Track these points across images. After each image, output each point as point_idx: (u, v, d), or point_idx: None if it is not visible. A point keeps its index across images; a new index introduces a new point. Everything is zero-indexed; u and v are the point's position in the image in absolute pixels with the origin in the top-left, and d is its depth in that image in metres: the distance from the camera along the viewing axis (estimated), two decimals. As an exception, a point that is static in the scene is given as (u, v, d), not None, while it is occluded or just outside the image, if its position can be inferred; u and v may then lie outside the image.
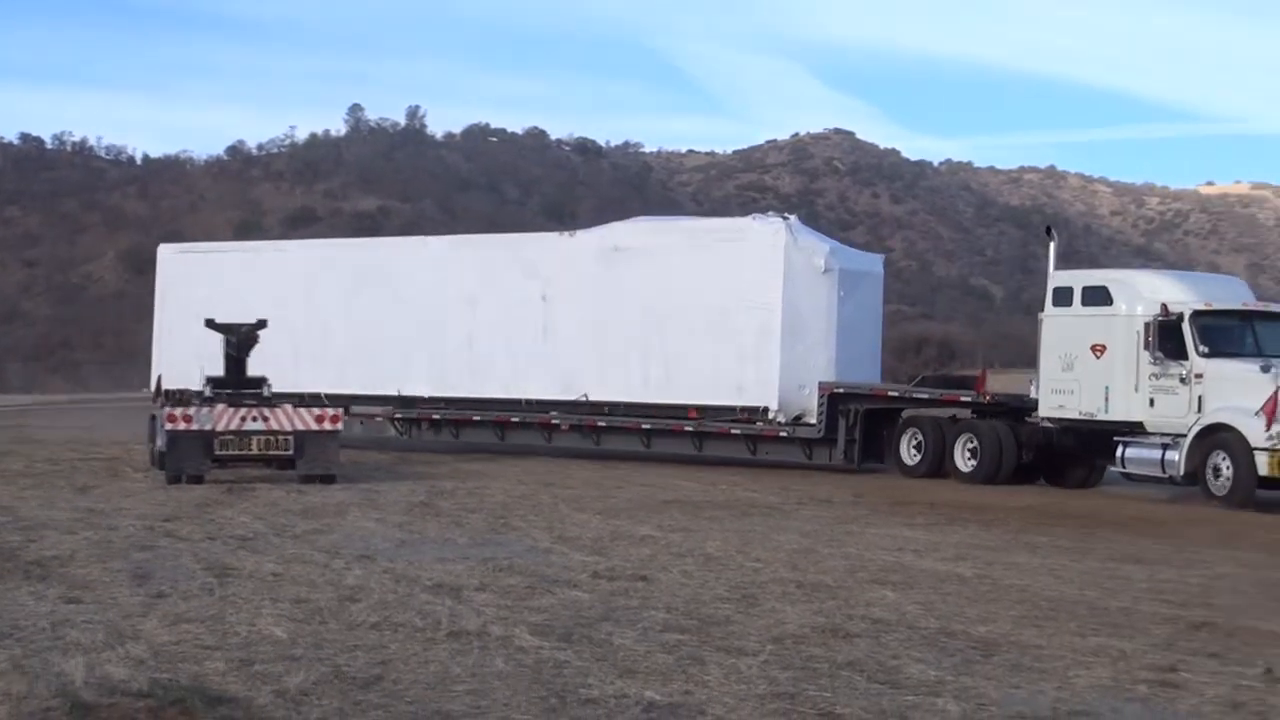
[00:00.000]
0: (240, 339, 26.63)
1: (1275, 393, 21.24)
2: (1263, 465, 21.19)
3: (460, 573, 14.13)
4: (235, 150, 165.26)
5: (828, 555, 16.26)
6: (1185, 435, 22.34)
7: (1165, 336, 22.99)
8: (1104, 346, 23.99)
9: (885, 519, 20.61)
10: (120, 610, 11.76)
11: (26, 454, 29.71)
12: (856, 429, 27.05)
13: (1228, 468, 21.69)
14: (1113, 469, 24.49)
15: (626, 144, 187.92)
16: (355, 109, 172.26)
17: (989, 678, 9.84)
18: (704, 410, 28.18)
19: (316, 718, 8.23)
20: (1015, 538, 18.67)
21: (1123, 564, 16.32)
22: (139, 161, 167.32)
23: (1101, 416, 24.13)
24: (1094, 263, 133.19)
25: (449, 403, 31.41)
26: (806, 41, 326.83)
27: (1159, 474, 22.97)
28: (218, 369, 28.38)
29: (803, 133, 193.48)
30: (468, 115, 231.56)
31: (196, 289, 33.70)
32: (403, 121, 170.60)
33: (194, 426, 23.35)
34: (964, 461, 25.84)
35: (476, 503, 21.49)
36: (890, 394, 28.09)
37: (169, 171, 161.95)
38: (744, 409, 27.71)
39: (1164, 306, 23.06)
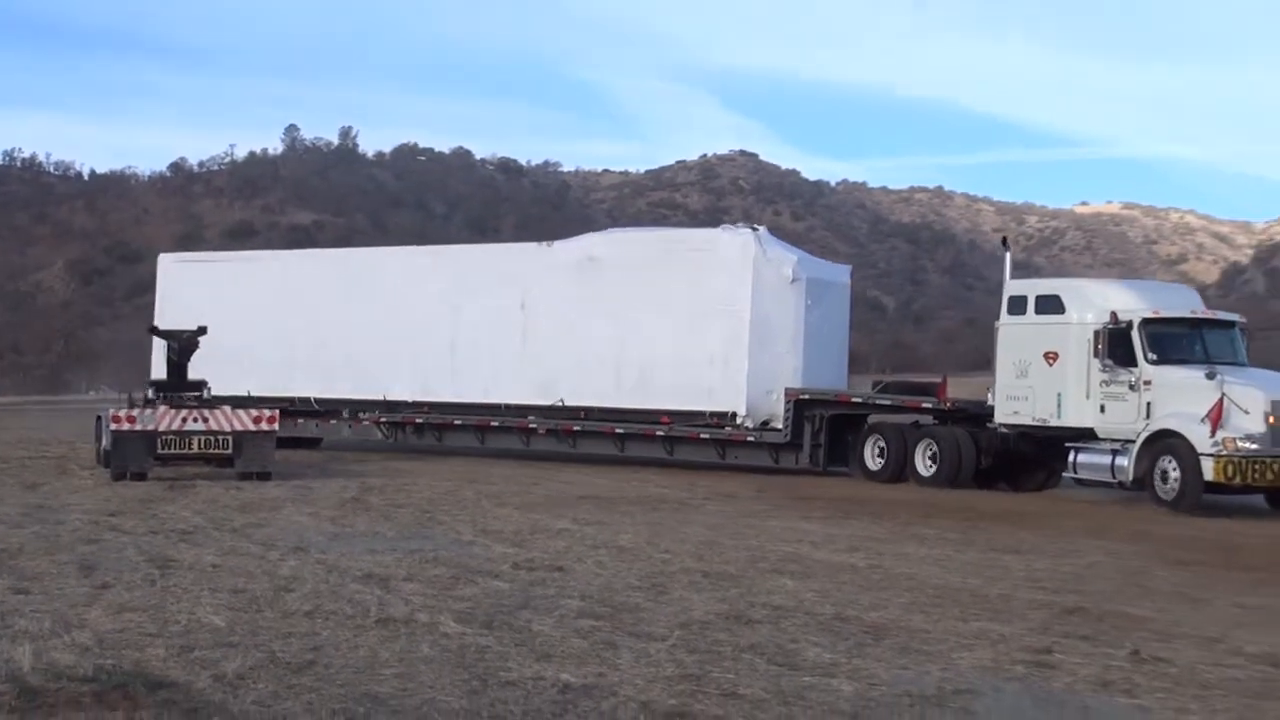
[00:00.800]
0: (181, 345, 26.44)
1: (1220, 400, 20.15)
2: (1209, 470, 20.05)
3: (388, 564, 13.99)
4: (177, 167, 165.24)
5: (731, 547, 16.26)
6: (1134, 441, 21.27)
7: (1115, 344, 21.99)
8: (1056, 354, 22.91)
9: (785, 513, 20.65)
10: (66, 600, 11.55)
11: (-23, 452, 29.23)
12: (822, 434, 26.06)
13: (1175, 473, 20.54)
14: (1066, 474, 23.44)
15: (546, 164, 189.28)
16: (291, 129, 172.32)
17: (879, 659, 9.85)
18: (676, 415, 27.14)
19: (252, 701, 8.09)
20: (904, 530, 18.74)
21: (1002, 554, 16.42)
22: (86, 177, 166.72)
23: (1054, 423, 23.03)
24: (977, 275, 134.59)
25: (432, 407, 30.37)
26: (713, 70, 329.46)
27: (1109, 479, 21.91)
28: (226, 377, 28.77)
29: (710, 154, 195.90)
30: (397, 136, 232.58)
31: (194, 297, 32.45)
32: (336, 141, 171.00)
33: (138, 427, 23.15)
34: (924, 466, 24.67)
35: (404, 498, 21.34)
36: (854, 400, 26.71)
37: (115, 187, 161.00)
38: (713, 414, 26.73)
39: (1113, 314, 22.08)
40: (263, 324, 31.54)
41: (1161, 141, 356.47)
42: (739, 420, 26.13)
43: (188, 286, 33.66)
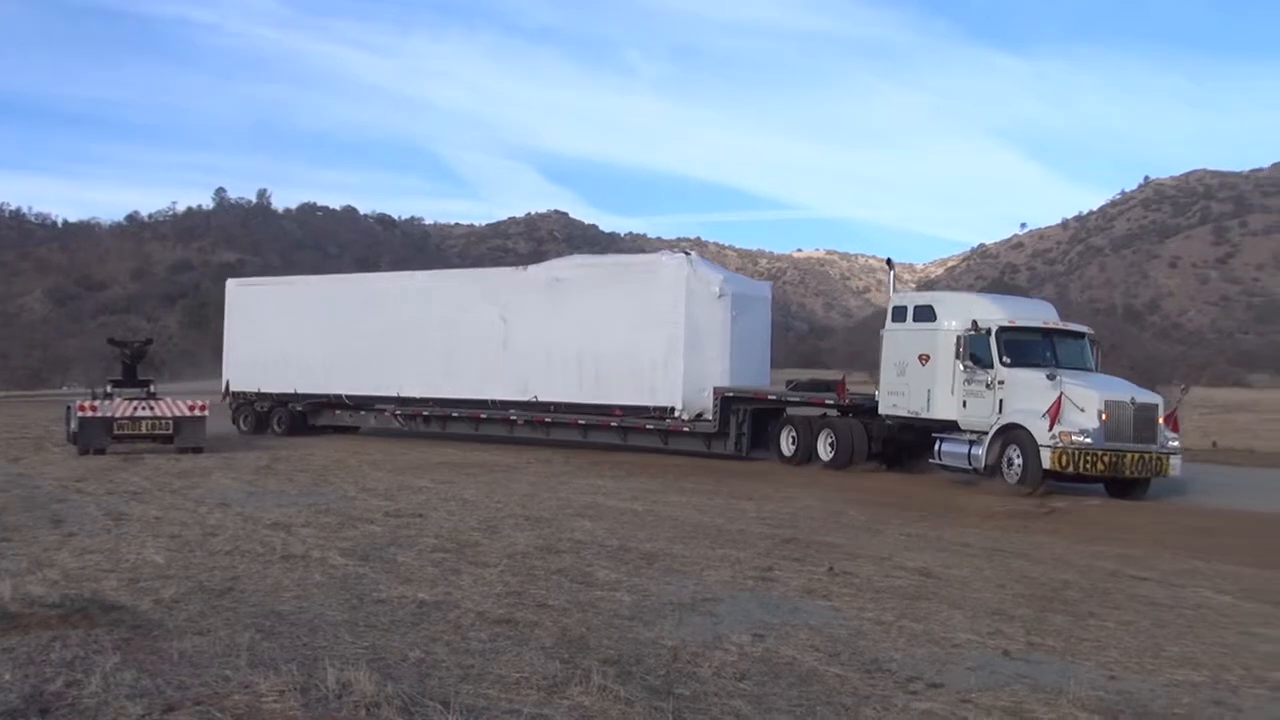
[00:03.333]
0: (134, 352, 25.75)
1: (1059, 398, 17.90)
2: (1046, 459, 17.75)
3: (291, 514, 13.71)
4: (132, 217, 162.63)
5: (546, 499, 16.24)
6: (988, 433, 19.01)
7: (975, 348, 19.63)
8: (928, 356, 20.47)
9: (585, 474, 20.66)
10: (40, 545, 11.10)
11: (-28, 434, 27.82)
12: (745, 425, 23.62)
13: (1019, 460, 18.24)
14: (932, 460, 20.43)
15: (412, 218, 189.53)
16: (220, 190, 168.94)
17: (651, 578, 9.98)
18: (626, 409, 24.73)
19: (184, 618, 7.90)
20: (671, 485, 18.87)
21: (740, 501, 16.64)
22: (60, 225, 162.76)
23: (925, 415, 20.57)
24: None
25: (436, 402, 27.89)
26: (537, 150, 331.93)
27: (966, 466, 19.35)
28: (279, 378, 29.40)
29: (533, 212, 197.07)
30: (301, 196, 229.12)
31: (255, 313, 31.05)
32: (254, 199, 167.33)
33: (99, 414, 22.36)
34: (825, 451, 22.07)
35: (305, 466, 20.86)
36: (769, 397, 23.95)
37: (83, 232, 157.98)
38: (655, 408, 24.30)
39: (974, 323, 19.69)
40: (305, 335, 29.55)
41: (852, 206, 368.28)
42: (676, 413, 23.95)
43: (250, 304, 31.68)
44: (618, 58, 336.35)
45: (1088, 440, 17.69)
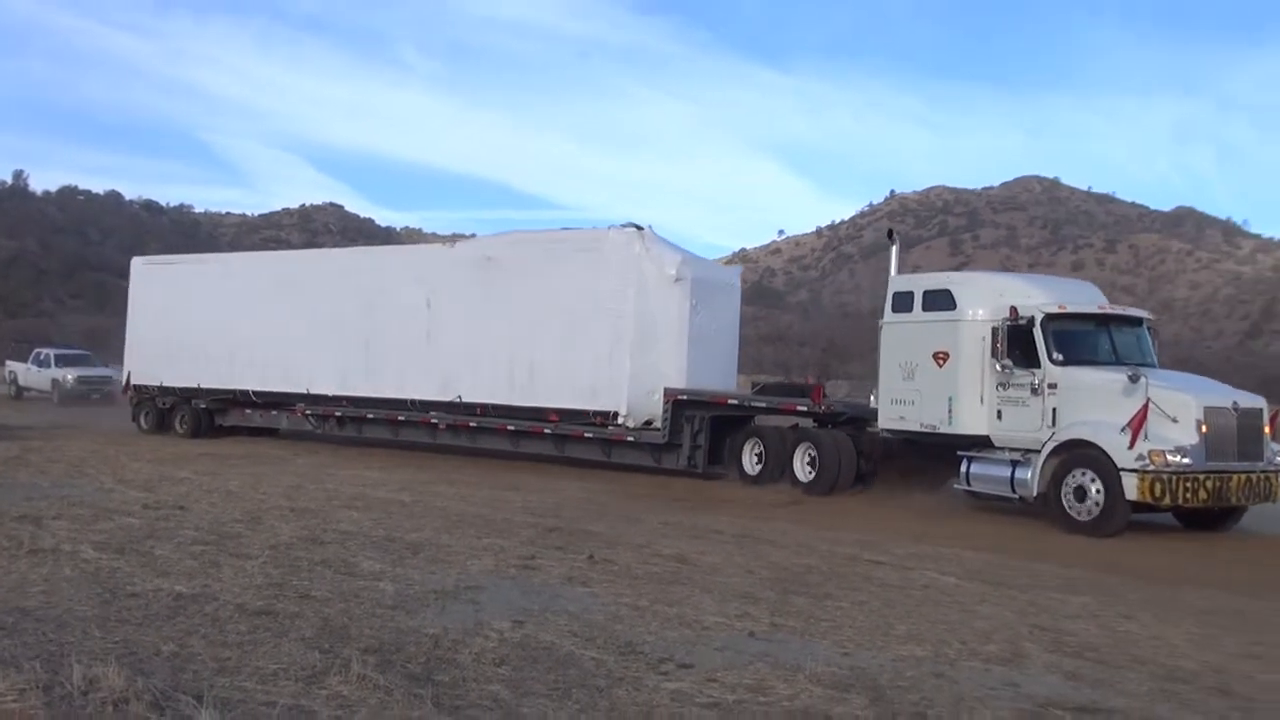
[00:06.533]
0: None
1: (1144, 406, 13.37)
2: (1132, 488, 13.24)
3: (42, 507, 12.85)
4: None
5: (313, 490, 15.83)
6: (1038, 451, 14.37)
7: (1014, 342, 14.94)
8: (947, 354, 15.68)
9: (353, 464, 20.23)
10: None
11: None
12: (701, 435, 19.00)
13: (1095, 489, 13.59)
14: (958, 486, 15.67)
15: (181, 205, 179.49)
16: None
17: (415, 567, 9.86)
18: (562, 414, 20.22)
19: (-84, 617, 7.34)
20: (440, 476, 18.70)
21: (506, 492, 16.59)
22: None
23: (944, 429, 15.69)
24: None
25: (349, 401, 23.50)
26: (310, 141, 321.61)
27: (1008, 493, 14.79)
28: (183, 370, 25.96)
29: (307, 204, 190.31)
30: (61, 179, 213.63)
31: (158, 296, 27.24)
32: (10, 181, 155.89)
33: None
34: (804, 471, 17.50)
35: (59, 456, 19.60)
36: (730, 401, 19.22)
37: None
38: (596, 413, 19.77)
39: (1013, 310, 14.94)
40: (210, 322, 25.79)
41: (621, 207, 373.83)
42: (620, 420, 19.49)
43: (153, 286, 27.76)
44: (391, 52, 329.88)
45: (1186, 461, 13.27)
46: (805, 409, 18.34)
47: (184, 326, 26.28)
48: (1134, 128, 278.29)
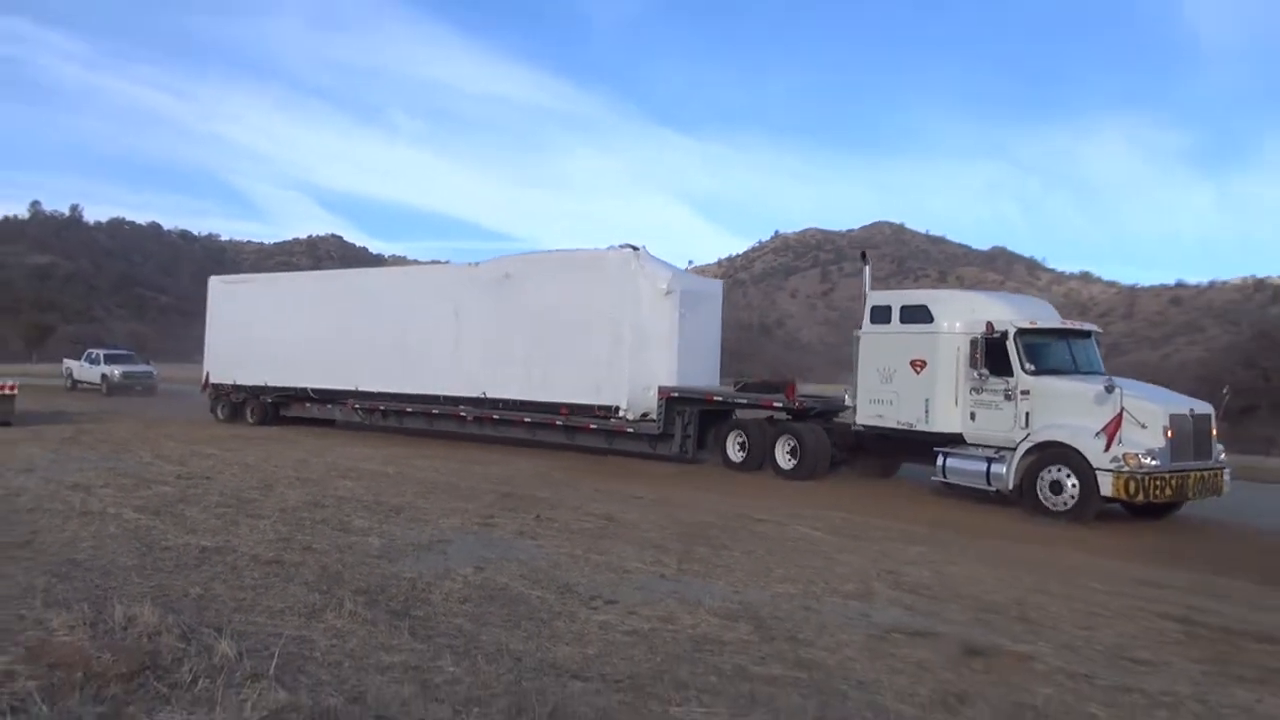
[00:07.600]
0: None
1: (1119, 414, 12.41)
2: (1107, 486, 12.32)
3: (91, 477, 12.49)
4: None
5: (316, 463, 15.53)
6: (1013, 449, 13.37)
7: (990, 353, 13.95)
8: (924, 362, 14.67)
9: (351, 442, 19.91)
10: None
11: None
12: (691, 426, 18.20)
13: (1072, 485, 12.63)
14: (935, 478, 14.31)
15: (210, 235, 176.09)
16: (35, 203, 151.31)
17: (397, 525, 9.73)
18: (572, 407, 19.31)
19: (-15, 566, 7.09)
20: (415, 451, 18.39)
21: (471, 464, 16.36)
22: None
23: (921, 427, 14.63)
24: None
25: (392, 397, 22.49)
26: (313, 183, 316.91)
27: (984, 485, 13.61)
28: (253, 370, 24.65)
29: (314, 235, 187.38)
30: (111, 212, 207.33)
31: (234, 310, 26.02)
32: (67, 213, 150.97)
33: None
34: (785, 460, 16.48)
35: (106, 437, 18.99)
36: (715, 398, 18.22)
37: None
38: (600, 407, 18.94)
39: (989, 325, 14.03)
40: (275, 330, 24.77)
41: (563, 238, 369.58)
42: (621, 413, 18.70)
43: (227, 301, 26.46)
44: (384, 115, 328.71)
45: (1155, 462, 12.35)
46: (780, 404, 17.39)
47: (253, 334, 25.53)
48: (958, 184, 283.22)
